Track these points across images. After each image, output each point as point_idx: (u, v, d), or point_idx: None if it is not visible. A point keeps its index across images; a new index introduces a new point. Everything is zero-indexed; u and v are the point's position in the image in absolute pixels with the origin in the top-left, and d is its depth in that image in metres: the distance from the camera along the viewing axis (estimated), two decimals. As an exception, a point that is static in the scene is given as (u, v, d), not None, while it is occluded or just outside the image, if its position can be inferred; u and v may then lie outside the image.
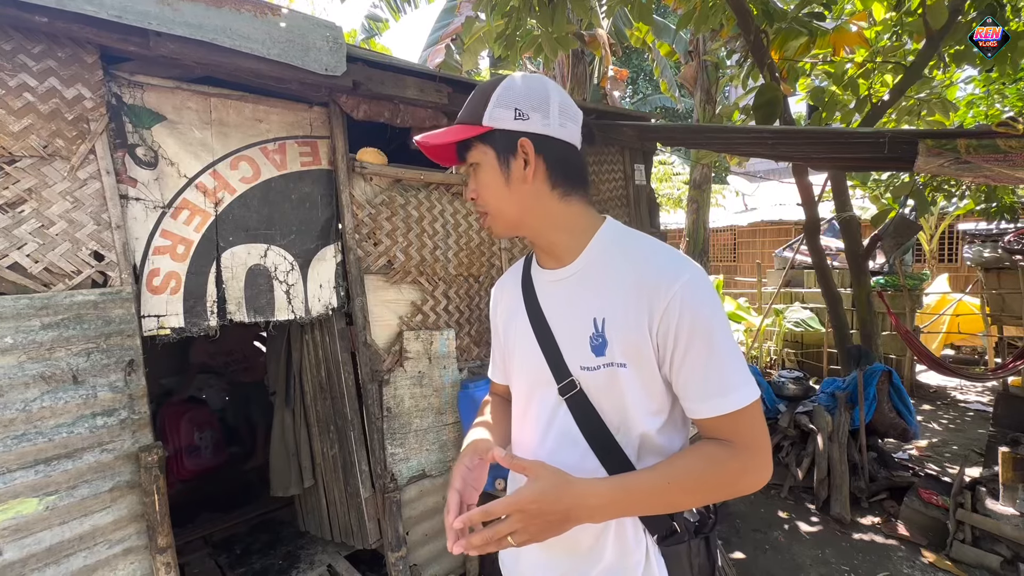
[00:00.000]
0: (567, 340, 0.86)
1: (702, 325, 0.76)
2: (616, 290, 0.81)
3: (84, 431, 1.61)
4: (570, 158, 0.87)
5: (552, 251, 0.90)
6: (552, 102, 0.83)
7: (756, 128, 3.31)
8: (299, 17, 1.93)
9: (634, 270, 0.81)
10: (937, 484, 3.42)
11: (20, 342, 1.51)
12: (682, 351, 0.77)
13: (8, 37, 1.53)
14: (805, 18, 3.50)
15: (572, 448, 0.86)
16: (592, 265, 0.86)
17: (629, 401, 0.82)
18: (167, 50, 1.69)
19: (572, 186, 0.87)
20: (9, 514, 1.48)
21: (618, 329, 0.80)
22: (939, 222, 10.22)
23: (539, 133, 0.83)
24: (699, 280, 0.78)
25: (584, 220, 0.89)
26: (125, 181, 1.76)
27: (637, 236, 0.87)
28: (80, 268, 1.63)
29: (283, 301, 2.12)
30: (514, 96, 0.83)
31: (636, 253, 0.83)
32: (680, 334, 0.76)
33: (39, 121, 1.58)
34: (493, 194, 0.87)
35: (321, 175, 2.25)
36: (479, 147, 0.85)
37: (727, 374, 0.77)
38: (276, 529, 2.98)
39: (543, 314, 0.91)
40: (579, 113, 0.88)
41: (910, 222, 4.90)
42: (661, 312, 0.77)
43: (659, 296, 0.77)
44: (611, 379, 0.81)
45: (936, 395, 6.12)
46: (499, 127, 0.83)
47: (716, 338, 0.76)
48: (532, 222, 0.88)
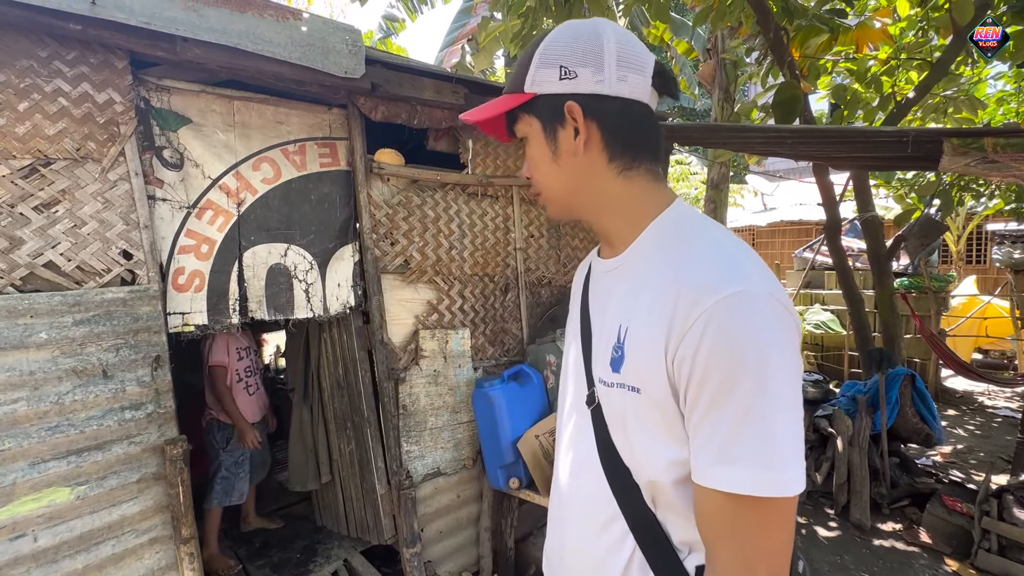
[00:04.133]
0: (597, 343, 0.74)
1: (727, 363, 0.55)
2: (645, 295, 0.65)
3: (113, 423, 1.67)
4: (633, 120, 0.70)
5: (607, 237, 0.77)
6: (606, 51, 0.66)
7: (775, 127, 3.27)
8: (319, 21, 1.97)
9: (672, 273, 0.63)
10: (962, 491, 3.33)
11: (54, 337, 1.57)
12: (695, 388, 0.58)
13: (44, 44, 1.59)
14: (826, 15, 3.44)
15: (591, 475, 0.73)
16: (636, 259, 0.71)
17: (638, 438, 0.66)
18: (193, 55, 1.74)
19: (635, 157, 0.71)
20: (43, 502, 1.54)
21: (636, 344, 0.65)
22: (967, 222, 9.94)
23: (590, 93, 0.67)
24: (748, 303, 0.56)
25: (645, 202, 0.72)
26: (152, 182, 1.81)
27: (698, 230, 0.67)
28: (110, 266, 1.69)
29: (302, 299, 2.16)
30: (559, 51, 0.68)
31: (684, 250, 0.65)
32: (696, 366, 0.57)
33: (72, 125, 1.64)
34: (542, 171, 0.75)
35: (340, 176, 2.29)
36: (524, 118, 0.74)
37: (740, 439, 0.55)
38: (294, 523, 3.04)
39: (588, 307, 0.80)
40: (647, 59, 0.69)
41: (936, 222, 4.78)
42: (682, 333, 0.58)
43: (686, 311, 0.58)
44: (622, 403, 0.67)
45: (962, 400, 5.96)
46: (544, 91, 0.69)
47: (744, 387, 0.54)
48: (586, 202, 0.74)
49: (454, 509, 2.62)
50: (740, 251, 0.63)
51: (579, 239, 3.22)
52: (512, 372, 2.60)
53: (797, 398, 0.57)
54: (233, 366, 2.73)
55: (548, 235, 3.05)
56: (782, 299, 0.58)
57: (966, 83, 4.70)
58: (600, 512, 0.71)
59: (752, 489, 0.54)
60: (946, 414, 5.41)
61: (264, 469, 3.03)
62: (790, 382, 0.56)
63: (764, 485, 0.54)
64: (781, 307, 0.58)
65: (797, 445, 0.56)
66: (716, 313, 0.56)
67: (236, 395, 2.72)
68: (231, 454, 2.71)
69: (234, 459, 2.72)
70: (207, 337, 2.68)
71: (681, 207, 0.72)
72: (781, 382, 0.55)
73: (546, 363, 2.74)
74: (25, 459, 1.52)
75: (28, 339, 1.53)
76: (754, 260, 0.62)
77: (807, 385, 4.13)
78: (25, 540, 1.51)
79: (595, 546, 0.72)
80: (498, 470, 2.45)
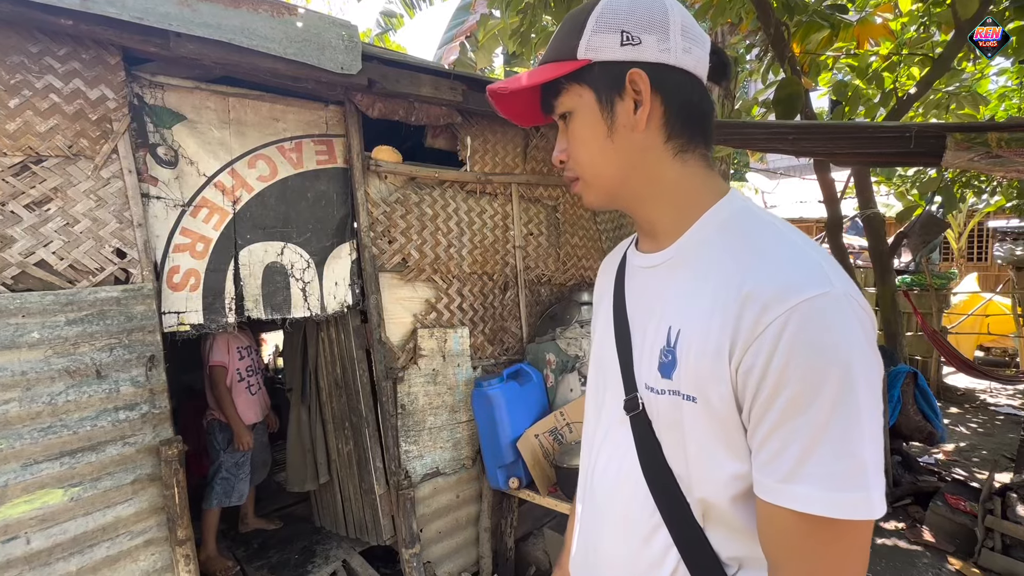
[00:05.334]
0: (639, 345, 0.68)
1: (807, 374, 0.50)
2: (703, 295, 0.59)
3: (107, 424, 1.65)
4: (694, 98, 0.63)
5: (650, 229, 0.69)
6: (672, 18, 0.60)
7: (776, 123, 3.24)
8: (315, 16, 1.94)
9: (737, 270, 0.56)
10: (965, 489, 3.31)
11: (46, 337, 1.55)
12: (766, 400, 0.52)
13: (35, 40, 1.57)
14: (827, 10, 3.41)
15: (631, 485, 0.67)
16: (687, 254, 0.64)
17: (693, 450, 0.60)
18: (187, 51, 1.71)
19: (692, 138, 0.64)
20: (36, 504, 1.52)
21: (692, 349, 0.58)
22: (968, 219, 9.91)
23: (656, 63, 0.60)
24: (831, 308, 0.50)
25: (697, 190, 0.65)
26: (146, 180, 1.79)
27: (763, 224, 0.60)
28: (103, 265, 1.67)
29: (299, 298, 2.14)
30: (621, 14, 0.61)
31: (748, 245, 0.58)
32: (769, 376, 0.51)
33: (64, 121, 1.61)
34: (590, 150, 0.65)
35: (337, 173, 2.26)
36: (573, 89, 0.64)
37: (817, 455, 0.50)
38: (293, 524, 3.02)
39: (625, 306, 0.73)
40: (705, 36, 0.64)
41: (937, 219, 4.76)
42: (751, 339, 0.52)
43: (756, 315, 0.52)
44: (674, 412, 0.61)
45: (964, 398, 5.94)
46: (601, 58, 0.61)
47: (824, 400, 0.49)
48: (635, 188, 0.66)
49: (453, 509, 2.60)
50: (814, 249, 0.57)
51: (578, 237, 3.20)
52: (511, 371, 2.58)
53: (879, 411, 0.52)
54: (234, 365, 2.71)
55: (547, 233, 3.03)
56: (861, 300, 0.53)
57: (968, 79, 4.68)
58: (641, 524, 0.66)
59: (828, 510, 0.49)
60: (948, 412, 5.39)
61: (265, 469, 3.02)
62: (873, 394, 0.51)
63: (842, 506, 0.49)
64: (861, 310, 0.52)
65: (879, 463, 0.51)
66: (794, 319, 0.50)
67: (238, 394, 2.70)
68: (232, 455, 2.69)
69: (234, 460, 2.70)
70: (207, 336, 2.66)
71: (739, 197, 0.64)
72: (865, 394, 0.50)
73: (546, 362, 2.71)
74: (17, 460, 1.50)
75: (20, 339, 1.51)
76: (829, 258, 0.56)
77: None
78: (18, 543, 1.49)
79: (635, 560, 0.67)
80: (497, 470, 2.43)
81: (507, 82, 0.67)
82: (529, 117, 0.73)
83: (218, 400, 2.65)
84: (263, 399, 2.89)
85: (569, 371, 2.65)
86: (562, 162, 0.69)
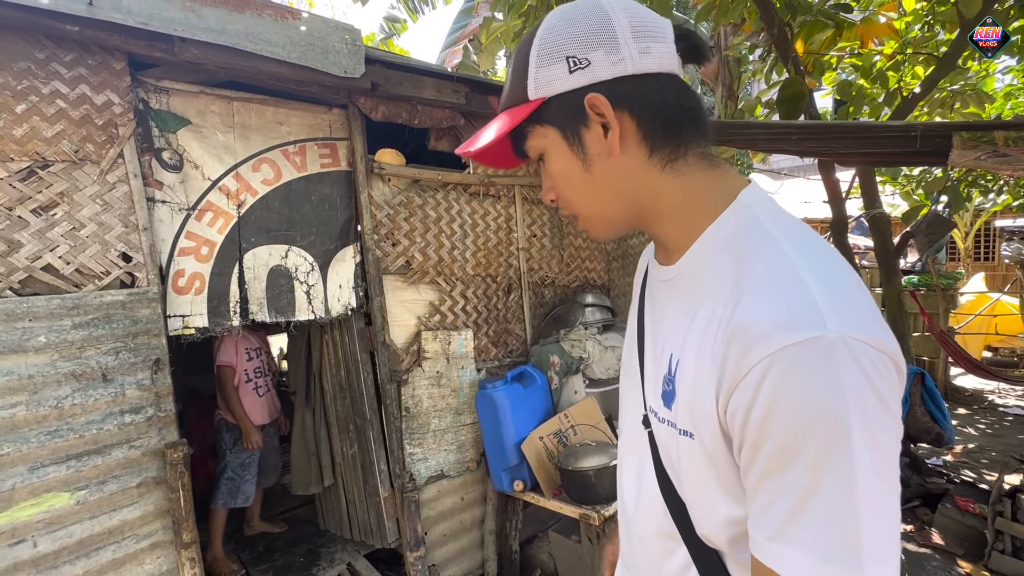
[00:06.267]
0: (650, 364, 0.65)
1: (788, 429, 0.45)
2: (696, 325, 0.55)
3: (113, 427, 1.66)
4: (668, 97, 0.57)
5: (663, 243, 0.64)
6: (616, 22, 0.55)
7: (780, 123, 3.23)
8: (318, 20, 1.95)
9: (730, 298, 0.51)
10: (974, 491, 3.28)
11: (53, 341, 1.56)
12: (750, 449, 0.48)
13: (42, 46, 1.58)
14: (831, 10, 3.40)
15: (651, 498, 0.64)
16: (690, 274, 0.59)
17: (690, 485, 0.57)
18: (191, 55, 1.72)
19: (680, 142, 0.58)
20: (42, 507, 1.53)
21: (687, 382, 0.55)
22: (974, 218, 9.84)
23: (612, 78, 0.55)
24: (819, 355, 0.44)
25: (700, 198, 0.59)
26: (152, 184, 1.80)
27: (763, 241, 0.53)
28: (109, 269, 1.68)
29: (303, 301, 2.15)
30: (561, 40, 0.56)
31: (742, 273, 0.52)
32: (750, 424, 0.47)
33: (71, 127, 1.63)
34: (573, 188, 0.61)
35: (340, 176, 2.27)
36: (536, 131, 0.61)
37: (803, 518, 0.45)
38: (297, 527, 3.02)
39: (644, 318, 0.69)
40: (663, 24, 0.57)
41: (943, 219, 4.73)
42: (736, 381, 0.48)
43: (740, 355, 0.47)
44: (673, 445, 0.58)
45: (973, 399, 5.88)
46: (553, 92, 0.57)
47: (808, 460, 0.44)
48: (633, 211, 0.61)
49: (458, 512, 2.59)
50: (813, 269, 0.48)
51: (582, 238, 3.19)
52: (515, 373, 2.58)
53: (888, 476, 0.45)
54: (242, 366, 2.71)
55: (551, 235, 3.03)
56: (872, 340, 0.44)
57: (974, 77, 4.65)
58: (662, 537, 0.64)
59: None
60: (956, 413, 5.34)
61: (275, 474, 3.01)
62: (879, 454, 0.44)
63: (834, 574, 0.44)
64: (869, 353, 0.44)
65: (885, 538, 0.44)
66: (775, 366, 0.45)
67: (244, 395, 2.70)
68: (237, 455, 2.70)
69: (240, 461, 2.71)
70: (216, 337, 2.67)
71: (744, 205, 0.57)
72: (863, 457, 0.43)
73: (550, 364, 2.71)
74: (24, 464, 1.51)
75: (27, 343, 1.51)
76: (836, 288, 0.47)
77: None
78: (24, 546, 1.50)
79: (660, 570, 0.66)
80: (502, 472, 2.42)
81: (470, 142, 0.64)
82: (511, 160, 0.69)
83: (225, 400, 2.66)
84: (272, 401, 2.89)
85: (573, 373, 2.64)
86: (553, 200, 0.66)
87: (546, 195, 0.66)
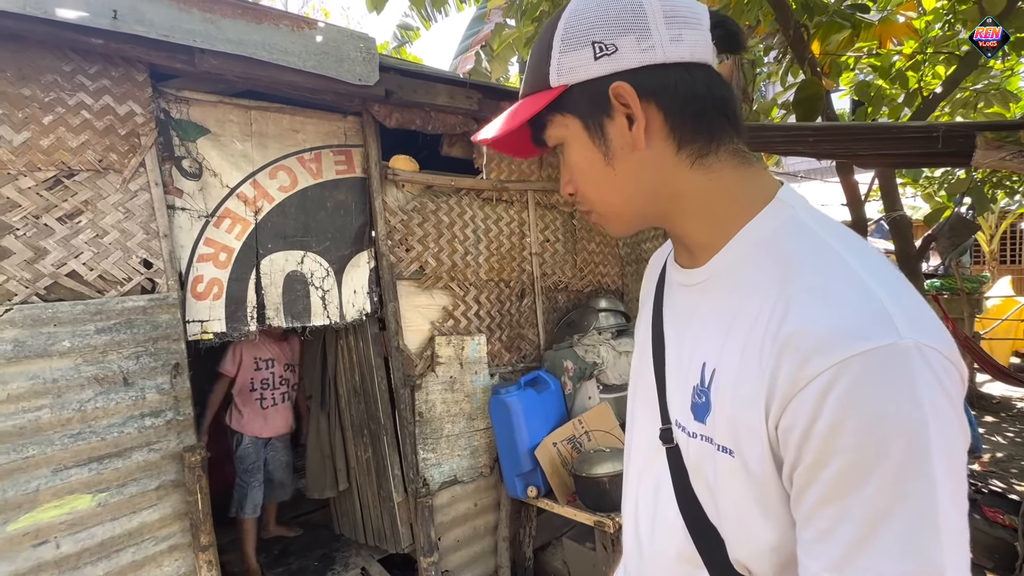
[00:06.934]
0: (674, 374, 0.61)
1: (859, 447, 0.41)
2: (737, 332, 0.51)
3: (133, 431, 1.69)
4: (699, 88, 0.53)
5: (685, 244, 0.61)
6: (648, 7, 0.51)
7: (796, 125, 3.19)
8: (334, 30, 1.98)
9: (779, 303, 0.47)
10: (1003, 502, 3.17)
11: (76, 345, 1.59)
12: (809, 470, 0.44)
13: (68, 59, 1.63)
14: (848, 10, 3.36)
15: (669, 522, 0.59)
16: (724, 277, 0.55)
17: (727, 507, 0.53)
18: (211, 66, 1.76)
19: (711, 137, 0.54)
20: (65, 509, 1.56)
21: (727, 394, 0.51)
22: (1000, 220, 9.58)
23: (640, 67, 0.52)
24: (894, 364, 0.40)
25: (733, 198, 0.55)
26: (172, 192, 1.84)
27: (815, 240, 0.50)
28: (131, 275, 1.72)
29: (319, 306, 2.17)
30: (587, 23, 0.52)
31: (794, 273, 0.48)
32: (811, 442, 0.43)
33: (95, 137, 1.67)
34: (593, 181, 0.58)
35: (355, 183, 2.30)
36: (557, 120, 0.57)
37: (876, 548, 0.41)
38: (312, 531, 3.04)
39: (663, 325, 0.65)
40: (700, 10, 0.53)
41: (967, 221, 4.61)
42: (791, 394, 0.44)
43: (797, 366, 0.44)
44: (708, 462, 0.54)
45: (1000, 406, 5.71)
46: (577, 80, 0.54)
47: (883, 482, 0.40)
48: (656, 208, 0.58)
49: (471, 518, 2.58)
50: (878, 278, 0.45)
51: (595, 243, 3.18)
52: (529, 378, 2.57)
53: (961, 492, 0.42)
54: (247, 375, 2.66)
55: (564, 240, 3.02)
56: (942, 348, 0.42)
57: (997, 76, 4.54)
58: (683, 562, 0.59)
59: None
60: (983, 421, 5.18)
61: (284, 490, 2.88)
62: (956, 473, 0.41)
63: None
64: (942, 362, 0.41)
65: (962, 560, 0.41)
66: (843, 377, 0.41)
67: (246, 405, 2.66)
68: (240, 460, 2.67)
69: (244, 467, 2.65)
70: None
71: (788, 204, 0.54)
72: (943, 473, 0.40)
73: (564, 369, 2.69)
74: (48, 466, 1.55)
75: (52, 347, 1.55)
76: (899, 292, 0.44)
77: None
78: (48, 547, 1.53)
79: None
80: (516, 478, 2.41)
81: (490, 128, 0.60)
82: (529, 150, 0.66)
83: (207, 403, 2.62)
84: (281, 416, 2.75)
85: (587, 378, 2.62)
86: (571, 194, 0.62)
87: (564, 188, 0.62)
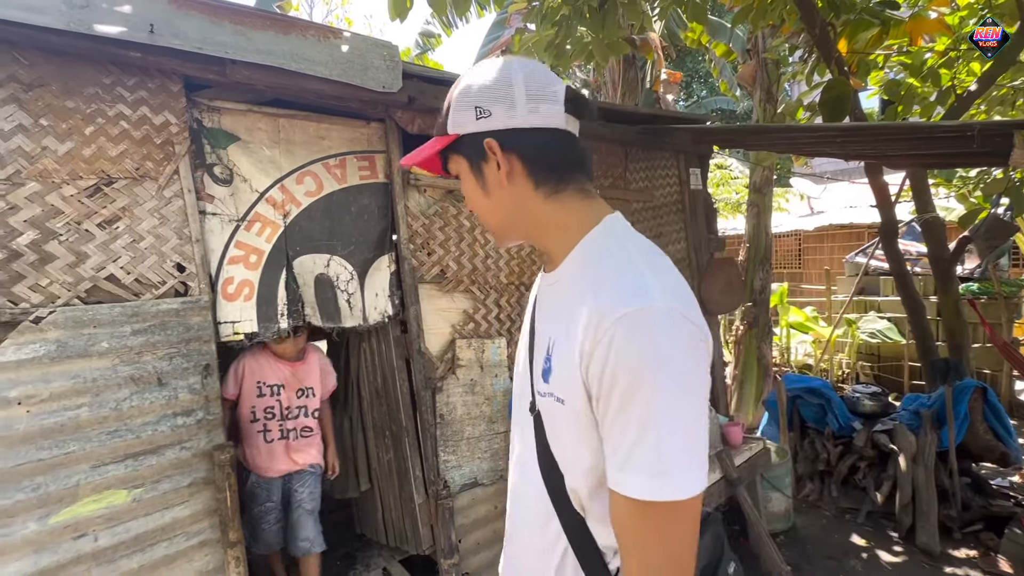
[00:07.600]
0: (537, 354, 0.80)
1: (626, 377, 0.61)
2: (568, 311, 0.71)
3: (167, 429, 1.74)
4: (553, 146, 0.75)
5: (548, 255, 0.82)
6: (515, 87, 0.72)
7: (823, 126, 3.12)
8: (359, 39, 2.03)
9: (589, 291, 0.68)
10: (1046, 516, 3.03)
11: (114, 347, 1.66)
12: (604, 401, 0.64)
13: (108, 72, 1.70)
14: (877, 7, 3.27)
15: (532, 477, 0.79)
16: (566, 277, 0.77)
17: (565, 443, 0.73)
18: (242, 76, 1.82)
19: (562, 179, 0.76)
20: (103, 503, 1.62)
21: (560, 357, 0.71)
22: (1040, 222, 9.17)
23: (505, 128, 0.73)
24: (646, 320, 0.62)
25: (575, 222, 0.77)
26: (204, 198, 1.90)
27: (615, 247, 0.73)
28: (165, 279, 1.78)
29: (345, 309, 2.21)
30: (472, 94, 0.74)
31: (599, 269, 0.71)
32: (604, 380, 0.63)
33: (132, 146, 1.74)
34: (477, 204, 0.81)
35: (378, 188, 2.34)
36: (454, 157, 0.80)
37: (640, 447, 0.61)
38: (335, 531, 3.08)
39: (534, 318, 0.86)
40: (558, 89, 0.74)
41: (1005, 222, 4.43)
42: (592, 349, 0.64)
43: (595, 328, 0.64)
44: (552, 413, 0.74)
45: (1041, 415, 5.45)
46: (464, 132, 0.75)
47: (641, 399, 0.61)
48: (522, 228, 0.81)
49: (492, 521, 2.59)
50: (649, 267, 0.68)
51: (616, 246, 3.16)
52: (549, 382, 2.56)
53: (694, 407, 0.63)
54: (249, 403, 2.25)
55: (584, 243, 3.01)
56: (687, 312, 0.64)
57: (1036, 73, 4.35)
58: (540, 513, 0.77)
59: (644, 494, 0.61)
60: (1023, 430, 4.96)
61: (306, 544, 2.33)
62: (685, 392, 0.62)
63: (653, 490, 0.60)
64: (681, 320, 0.63)
65: (688, 451, 0.61)
66: (618, 330, 0.62)
67: (247, 438, 2.26)
68: (249, 499, 2.29)
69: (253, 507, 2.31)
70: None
71: (608, 225, 0.76)
72: (674, 393, 0.61)
73: (584, 373, 2.69)
74: (87, 462, 1.61)
75: (91, 348, 1.62)
76: (661, 275, 0.67)
77: (864, 398, 3.88)
78: (86, 540, 1.59)
79: (536, 545, 0.79)
80: (536, 482, 2.41)
81: (410, 156, 0.82)
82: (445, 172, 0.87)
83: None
84: (292, 452, 2.29)
85: (608, 382, 2.61)
86: (471, 211, 0.85)
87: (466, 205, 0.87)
